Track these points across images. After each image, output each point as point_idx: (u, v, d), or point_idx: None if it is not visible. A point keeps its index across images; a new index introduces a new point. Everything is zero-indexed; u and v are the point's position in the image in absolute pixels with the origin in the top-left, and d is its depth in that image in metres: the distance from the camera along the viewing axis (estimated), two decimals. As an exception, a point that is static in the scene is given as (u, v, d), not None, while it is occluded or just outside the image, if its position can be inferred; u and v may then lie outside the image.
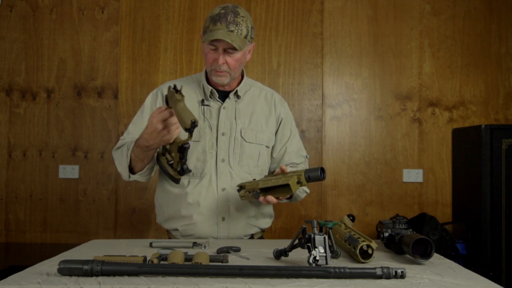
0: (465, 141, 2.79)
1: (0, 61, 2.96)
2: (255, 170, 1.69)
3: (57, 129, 2.94)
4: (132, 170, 1.59)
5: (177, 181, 1.50)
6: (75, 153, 2.94)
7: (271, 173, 1.76)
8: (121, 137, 1.67)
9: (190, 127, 1.27)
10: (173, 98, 1.36)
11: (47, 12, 2.97)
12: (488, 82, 2.98)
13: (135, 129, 1.65)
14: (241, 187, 1.51)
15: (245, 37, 1.53)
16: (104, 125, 2.94)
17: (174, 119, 1.37)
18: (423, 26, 2.99)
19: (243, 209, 1.67)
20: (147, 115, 1.64)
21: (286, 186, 1.38)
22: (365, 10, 2.99)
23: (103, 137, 2.94)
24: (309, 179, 1.35)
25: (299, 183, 1.35)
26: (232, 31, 1.49)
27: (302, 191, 1.70)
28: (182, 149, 1.41)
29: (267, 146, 1.72)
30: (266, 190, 1.44)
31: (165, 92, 1.64)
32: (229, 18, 1.49)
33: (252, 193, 1.43)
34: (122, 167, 1.59)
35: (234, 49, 1.52)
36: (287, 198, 1.67)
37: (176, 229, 1.67)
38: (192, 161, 1.62)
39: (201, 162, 1.63)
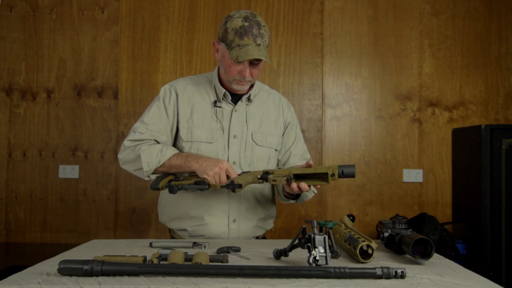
0: (465, 141, 2.79)
1: (0, 61, 2.96)
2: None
3: (57, 129, 2.94)
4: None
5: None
6: (75, 153, 2.94)
7: None
8: (139, 130, 1.60)
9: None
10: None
11: (47, 12, 2.97)
12: (488, 82, 2.98)
13: (156, 126, 1.62)
14: (267, 173, 1.48)
15: (267, 46, 1.55)
16: (104, 125, 2.94)
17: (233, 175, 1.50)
18: (423, 26, 2.99)
19: (254, 211, 1.68)
20: (163, 113, 1.64)
21: (319, 176, 1.38)
22: (365, 10, 2.99)
23: (103, 137, 2.94)
24: (342, 175, 1.34)
25: (332, 176, 1.35)
26: (259, 45, 1.50)
27: (311, 192, 1.70)
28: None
29: (276, 150, 1.74)
30: (298, 178, 1.44)
31: (179, 91, 1.67)
32: (254, 31, 1.49)
33: (285, 177, 1.43)
34: (148, 168, 1.55)
35: (259, 60, 1.53)
36: (294, 198, 1.67)
37: (184, 229, 1.67)
38: None
39: None
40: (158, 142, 1.62)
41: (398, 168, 2.95)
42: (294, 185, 1.42)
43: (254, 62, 1.54)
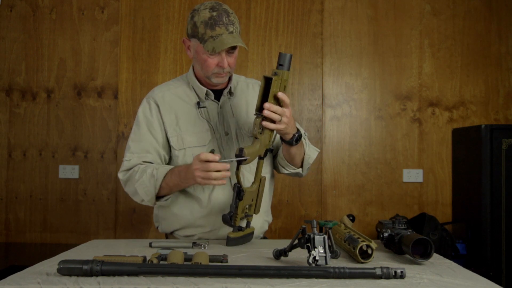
0: (465, 141, 2.78)
1: (0, 61, 2.96)
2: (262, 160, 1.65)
3: (57, 129, 2.94)
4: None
5: (230, 241, 1.45)
6: (75, 153, 2.94)
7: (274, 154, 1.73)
8: (125, 158, 1.58)
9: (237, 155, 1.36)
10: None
11: (47, 12, 2.97)
12: (488, 82, 2.98)
13: (139, 147, 1.59)
14: (240, 150, 1.39)
15: (239, 32, 1.52)
16: (104, 125, 2.94)
17: (216, 166, 1.36)
18: (423, 26, 2.99)
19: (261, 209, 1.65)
20: (145, 130, 1.60)
21: (265, 89, 1.37)
22: (365, 10, 2.99)
23: (103, 137, 2.94)
24: (280, 66, 1.37)
25: (275, 74, 1.36)
26: (232, 32, 1.47)
27: (313, 150, 1.65)
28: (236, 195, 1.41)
29: None
30: (260, 110, 1.39)
31: (159, 101, 1.61)
32: (224, 19, 1.46)
33: (258, 125, 1.39)
34: (148, 197, 1.53)
35: (233, 48, 1.50)
36: (295, 174, 1.63)
37: (193, 235, 1.63)
38: None
39: None
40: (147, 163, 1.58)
41: (398, 168, 2.95)
42: (265, 112, 1.36)
43: (229, 51, 1.51)
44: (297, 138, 1.49)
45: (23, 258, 2.60)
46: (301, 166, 1.65)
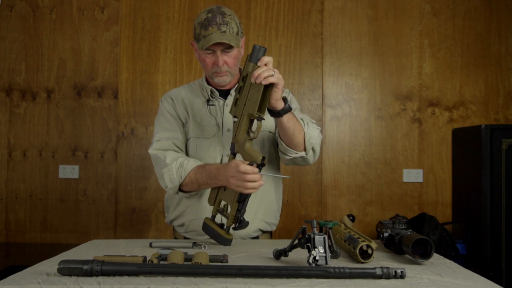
0: (465, 141, 2.78)
1: (0, 61, 2.96)
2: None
3: (57, 129, 2.94)
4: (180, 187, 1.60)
5: (228, 242, 1.45)
6: (75, 153, 2.94)
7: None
8: (155, 138, 1.65)
9: (260, 164, 1.35)
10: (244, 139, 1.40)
11: (47, 12, 2.97)
12: (488, 82, 2.98)
13: (168, 130, 1.66)
14: (263, 159, 1.37)
15: (237, 33, 1.56)
16: (104, 125, 2.94)
17: (254, 177, 1.37)
18: (423, 26, 2.99)
19: (253, 203, 1.64)
20: (169, 116, 1.68)
21: (265, 89, 1.35)
22: (365, 10, 2.99)
23: (103, 137, 2.94)
24: (252, 58, 1.38)
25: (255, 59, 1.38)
26: (224, 32, 1.52)
27: (313, 129, 1.60)
28: (243, 197, 1.40)
29: (270, 132, 1.70)
30: (261, 109, 1.37)
31: (173, 97, 1.71)
32: (218, 20, 1.52)
33: (260, 127, 1.36)
34: (172, 185, 1.58)
35: (230, 48, 1.55)
36: (301, 159, 1.60)
37: (182, 224, 1.68)
38: (203, 158, 1.64)
39: (211, 159, 1.65)
40: (178, 147, 1.64)
41: (398, 168, 2.95)
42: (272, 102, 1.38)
43: (226, 51, 1.55)
44: (288, 103, 1.46)
45: (23, 258, 2.60)
46: (305, 149, 1.60)
